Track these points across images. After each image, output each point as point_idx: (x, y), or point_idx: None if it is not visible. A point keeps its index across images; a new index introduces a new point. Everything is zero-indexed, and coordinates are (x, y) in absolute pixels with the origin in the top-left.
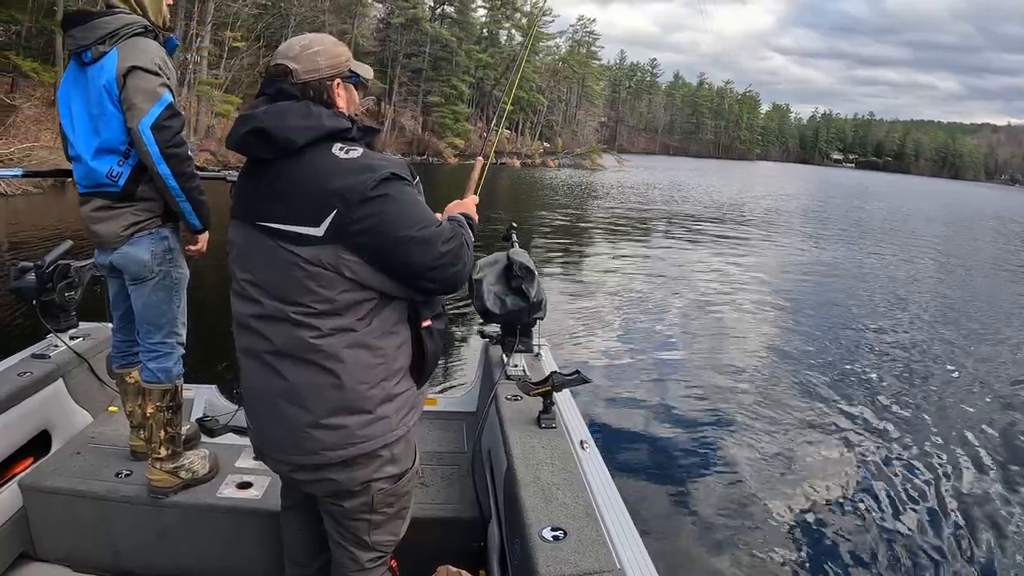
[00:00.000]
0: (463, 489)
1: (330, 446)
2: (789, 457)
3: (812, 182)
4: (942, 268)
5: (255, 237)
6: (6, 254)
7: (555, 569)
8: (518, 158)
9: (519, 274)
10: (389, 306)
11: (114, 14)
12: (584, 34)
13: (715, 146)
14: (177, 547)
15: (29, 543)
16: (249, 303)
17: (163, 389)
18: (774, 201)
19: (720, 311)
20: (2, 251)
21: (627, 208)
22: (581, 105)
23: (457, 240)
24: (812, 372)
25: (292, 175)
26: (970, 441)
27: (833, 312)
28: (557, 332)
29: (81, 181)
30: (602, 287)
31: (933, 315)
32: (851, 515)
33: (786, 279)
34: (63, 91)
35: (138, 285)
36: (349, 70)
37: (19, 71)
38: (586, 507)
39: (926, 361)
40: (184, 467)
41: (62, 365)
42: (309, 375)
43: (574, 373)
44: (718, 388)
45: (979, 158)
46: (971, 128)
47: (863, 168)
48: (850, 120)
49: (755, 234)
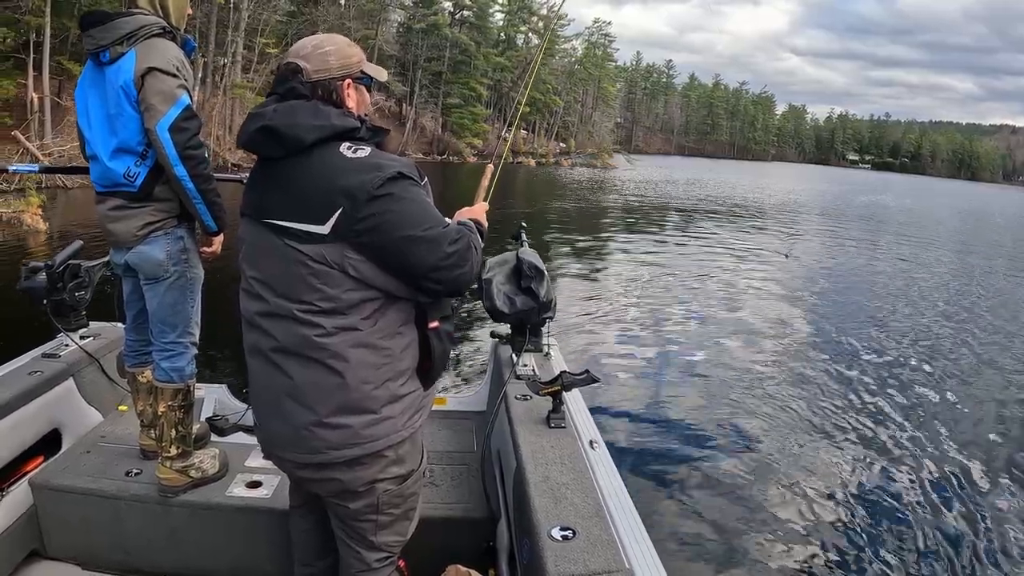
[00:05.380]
0: (472, 488)
1: (334, 445)
2: (801, 459)
3: (829, 182)
4: (965, 268)
5: (263, 235)
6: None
7: (564, 569)
8: (533, 157)
9: (529, 274)
10: (395, 306)
11: (132, 15)
12: (600, 36)
13: (730, 147)
14: (186, 546)
15: (39, 541)
16: (256, 300)
17: (175, 388)
18: (789, 198)
19: (733, 310)
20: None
21: (638, 204)
22: (597, 106)
23: (463, 242)
24: (828, 374)
25: (300, 173)
26: (986, 447)
27: (850, 312)
28: (567, 332)
29: (98, 180)
30: (612, 286)
31: (951, 314)
32: (864, 519)
33: (802, 278)
34: (80, 91)
35: (153, 284)
36: (361, 71)
37: (68, 74)
38: (595, 507)
39: (943, 363)
40: (194, 466)
41: (72, 364)
42: (314, 373)
43: (584, 373)
44: (730, 388)
45: (996, 160)
46: (989, 129)
47: (879, 169)
48: (866, 121)
49: (768, 231)
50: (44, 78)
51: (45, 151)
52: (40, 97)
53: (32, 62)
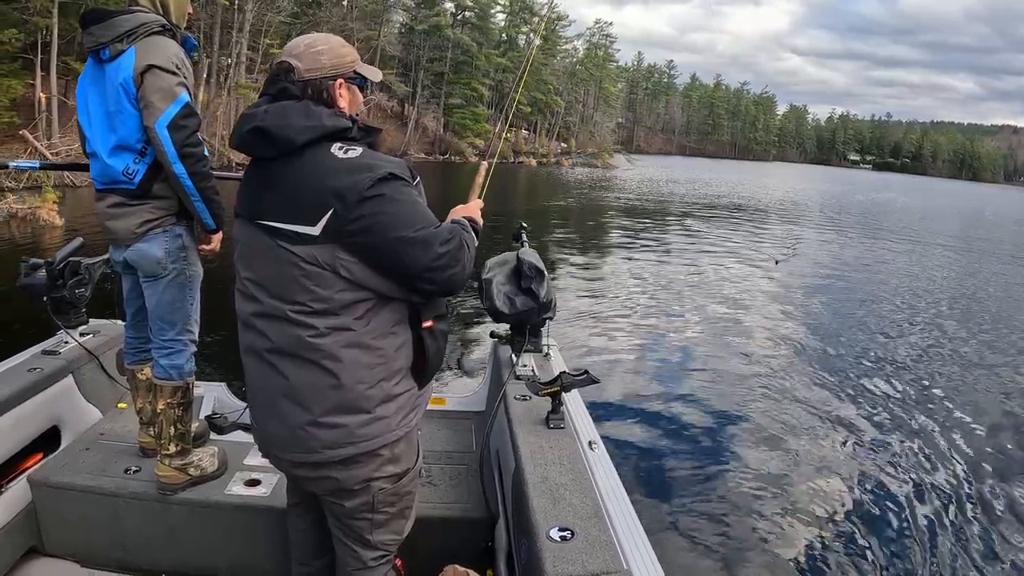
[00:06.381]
0: (471, 488)
1: (329, 444)
2: (801, 460)
3: (830, 182)
4: (967, 266)
5: (256, 235)
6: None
7: (562, 569)
8: (534, 157)
9: (529, 274)
10: (388, 306)
11: (132, 12)
12: (601, 37)
13: (732, 147)
14: (185, 543)
15: (38, 538)
16: (250, 301)
17: (174, 386)
18: (790, 197)
19: (734, 310)
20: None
21: (638, 204)
22: (598, 107)
23: (456, 242)
24: (828, 374)
25: (291, 174)
26: (985, 445)
27: (852, 312)
28: (567, 332)
29: (97, 177)
30: (612, 287)
31: (953, 315)
32: (864, 519)
33: (803, 277)
34: (81, 88)
35: (152, 282)
36: (354, 71)
37: (75, 74)
38: (594, 508)
39: (946, 366)
40: (193, 464)
41: (72, 361)
42: (307, 374)
43: (583, 373)
44: (730, 389)
45: (998, 160)
46: (991, 130)
47: (880, 169)
48: (868, 121)
49: (769, 231)
50: (51, 78)
51: (52, 150)
52: (47, 97)
53: (40, 62)
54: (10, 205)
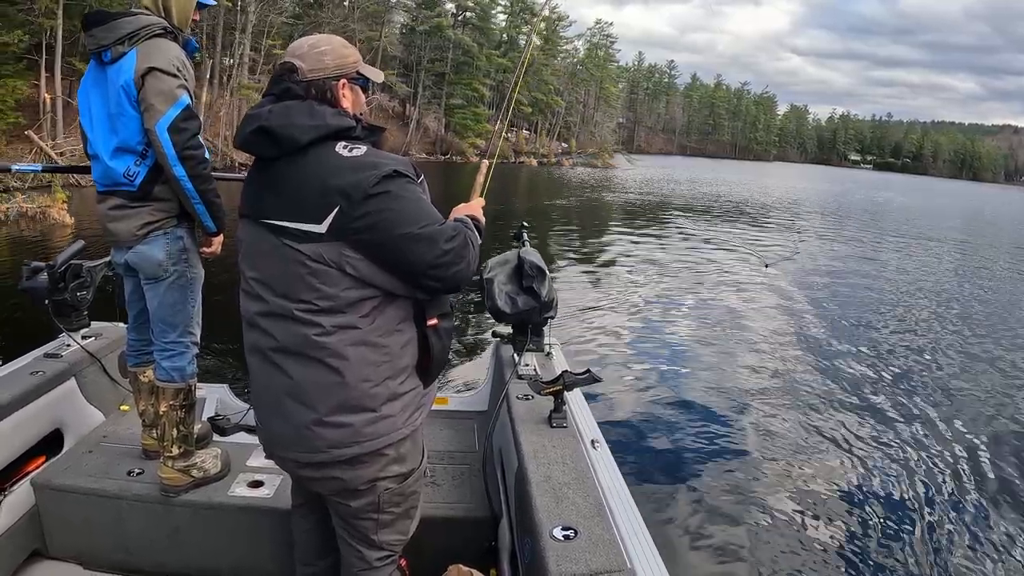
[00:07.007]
0: (474, 488)
1: (335, 444)
2: (803, 459)
3: (831, 182)
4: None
5: (261, 235)
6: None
7: (566, 568)
8: (535, 157)
9: (530, 273)
10: (393, 304)
11: (134, 15)
12: (602, 37)
13: (732, 147)
14: (188, 546)
15: (41, 541)
16: (255, 301)
17: (177, 388)
18: (790, 196)
19: (735, 308)
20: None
21: (638, 203)
22: (599, 107)
23: (460, 239)
24: (831, 372)
25: (296, 173)
26: (986, 444)
27: (854, 311)
28: (569, 331)
29: (99, 179)
30: (614, 285)
31: (954, 314)
32: (866, 518)
33: (806, 275)
34: (83, 90)
35: (153, 284)
36: (357, 72)
37: (79, 75)
38: (597, 506)
39: (948, 362)
40: (196, 466)
41: (74, 364)
42: (313, 372)
43: (585, 372)
44: (732, 387)
45: (998, 160)
46: (991, 129)
47: (881, 169)
48: (868, 121)
49: (770, 231)
50: (56, 79)
51: (57, 150)
52: (52, 97)
53: (44, 63)
54: (20, 204)
